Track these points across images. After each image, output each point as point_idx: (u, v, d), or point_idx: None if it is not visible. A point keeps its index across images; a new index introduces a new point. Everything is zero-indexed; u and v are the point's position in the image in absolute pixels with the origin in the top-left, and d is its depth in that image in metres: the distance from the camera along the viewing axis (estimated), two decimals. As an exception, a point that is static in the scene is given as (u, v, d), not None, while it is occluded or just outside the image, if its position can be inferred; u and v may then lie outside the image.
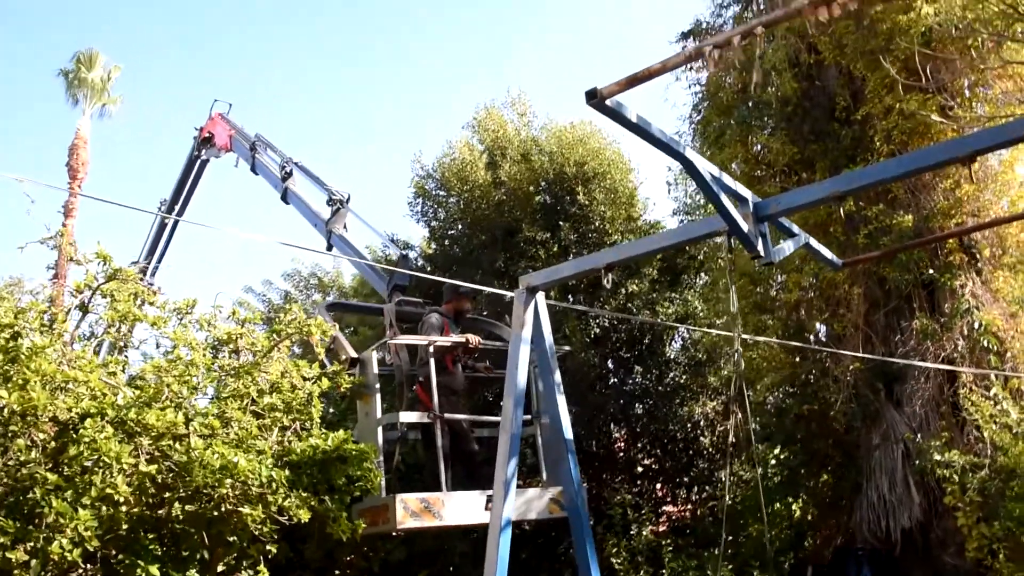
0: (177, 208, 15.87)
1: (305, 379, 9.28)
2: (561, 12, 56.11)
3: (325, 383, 9.33)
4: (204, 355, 8.50)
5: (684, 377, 14.99)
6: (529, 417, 8.80)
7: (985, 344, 10.54)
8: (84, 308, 8.73)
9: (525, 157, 16.26)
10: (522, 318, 6.85)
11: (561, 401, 7.10)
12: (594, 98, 4.39)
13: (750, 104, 12.64)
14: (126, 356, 9.65)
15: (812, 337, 12.66)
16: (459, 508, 7.91)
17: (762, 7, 14.13)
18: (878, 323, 11.58)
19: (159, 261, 16.11)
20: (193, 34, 52.76)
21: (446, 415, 8.36)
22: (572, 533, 7.19)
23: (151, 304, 9.33)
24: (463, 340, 8.85)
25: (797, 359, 12.62)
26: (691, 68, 14.03)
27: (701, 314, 14.86)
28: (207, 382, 8.02)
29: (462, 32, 56.31)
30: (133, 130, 50.31)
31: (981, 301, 10.89)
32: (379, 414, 8.44)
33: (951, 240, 11.07)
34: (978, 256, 11.23)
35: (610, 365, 15.22)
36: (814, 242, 6.91)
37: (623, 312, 14.37)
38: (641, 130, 4.81)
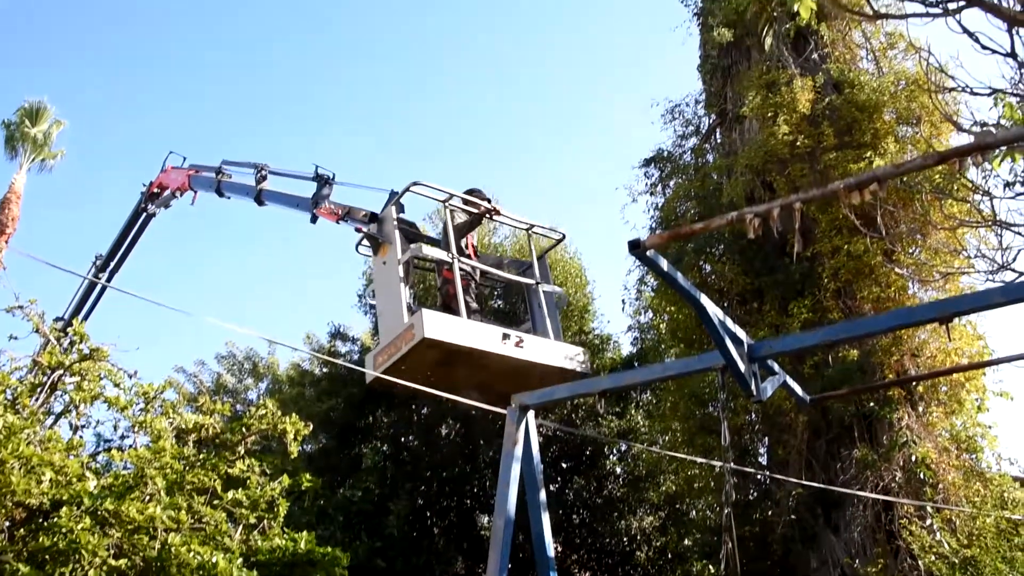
0: (113, 264, 15.61)
1: (265, 474, 9.23)
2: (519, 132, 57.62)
3: (286, 480, 9.29)
4: (172, 444, 8.41)
5: (623, 490, 15.21)
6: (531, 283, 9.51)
7: (921, 476, 11.11)
8: (54, 386, 8.54)
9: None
10: (514, 436, 7.03)
11: (546, 519, 7.24)
12: (637, 248, 4.74)
13: (705, 234, 13.27)
14: (82, 436, 9.40)
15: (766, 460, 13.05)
16: (477, 333, 8.32)
17: (719, 140, 15.06)
18: (820, 450, 12.08)
19: (85, 319, 15.51)
20: (140, 95, 52.25)
21: (462, 261, 8.81)
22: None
23: (116, 385, 9.18)
24: (493, 208, 9.38)
25: (738, 480, 12.96)
26: (650, 193, 14.80)
27: (643, 429, 15.18)
28: (181, 474, 7.88)
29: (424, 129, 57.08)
30: (70, 186, 49.10)
31: (917, 435, 11.50)
32: (399, 255, 8.73)
33: (889, 375, 11.74)
34: (914, 392, 11.91)
35: (549, 473, 15.37)
36: (790, 380, 7.34)
37: (569, 426, 14.60)
38: (670, 278, 5.20)
